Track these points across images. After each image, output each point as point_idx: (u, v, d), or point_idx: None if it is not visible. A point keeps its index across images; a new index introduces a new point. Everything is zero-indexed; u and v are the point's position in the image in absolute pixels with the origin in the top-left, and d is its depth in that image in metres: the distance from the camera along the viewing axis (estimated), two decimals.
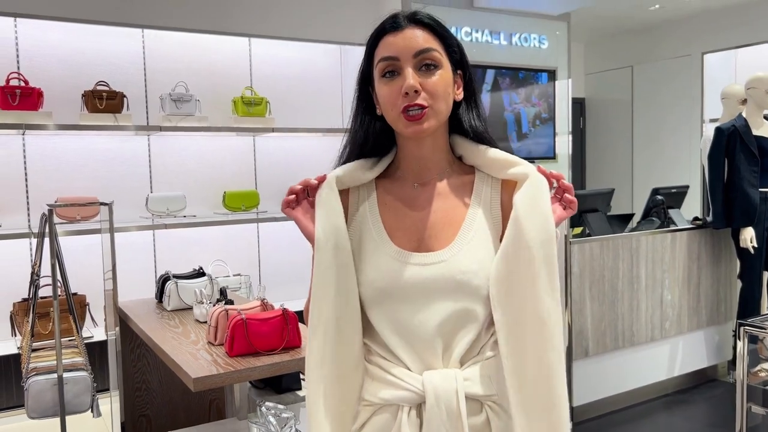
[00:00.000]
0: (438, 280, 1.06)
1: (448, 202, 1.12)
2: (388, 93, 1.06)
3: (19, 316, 3.54)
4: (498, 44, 5.38)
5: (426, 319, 1.06)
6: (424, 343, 1.06)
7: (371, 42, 1.11)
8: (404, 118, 1.05)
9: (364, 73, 1.14)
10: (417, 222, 1.11)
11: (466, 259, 1.07)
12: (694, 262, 3.92)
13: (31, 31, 3.90)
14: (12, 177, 3.88)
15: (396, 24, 1.08)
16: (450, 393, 1.03)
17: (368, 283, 1.08)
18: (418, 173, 1.14)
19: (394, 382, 1.06)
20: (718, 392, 3.91)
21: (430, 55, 1.06)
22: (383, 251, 1.09)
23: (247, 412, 2.54)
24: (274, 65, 4.69)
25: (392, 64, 1.07)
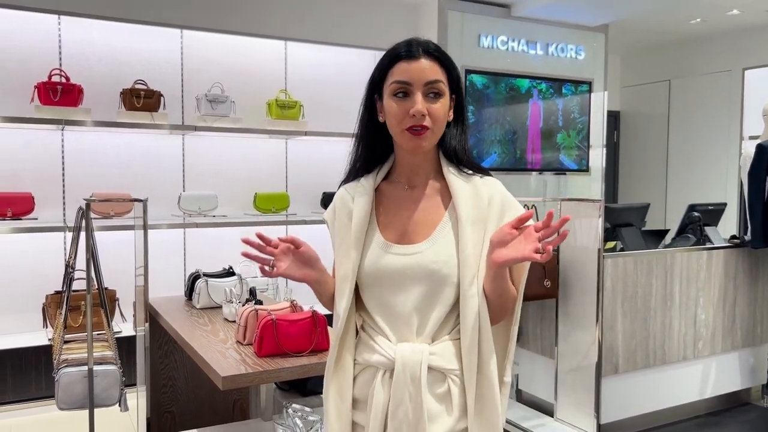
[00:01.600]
0: (414, 267, 1.29)
1: (430, 204, 1.35)
2: (398, 111, 1.28)
3: (51, 308, 3.59)
4: (534, 54, 5.34)
5: (404, 299, 1.29)
6: (402, 319, 1.30)
7: (387, 62, 1.31)
8: (409, 134, 1.28)
9: (374, 84, 1.35)
10: (403, 218, 1.35)
11: (438, 252, 1.29)
12: (731, 281, 3.82)
13: (74, 29, 3.98)
14: (50, 171, 3.96)
15: (412, 53, 1.29)
16: (415, 363, 1.27)
17: (361, 269, 1.33)
18: (409, 177, 1.38)
19: (376, 348, 1.31)
20: (751, 416, 3.80)
21: (436, 86, 1.28)
22: (374, 242, 1.33)
23: (272, 413, 2.53)
24: (308, 69, 4.72)
25: (405, 88, 1.28)
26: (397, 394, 1.27)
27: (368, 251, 1.33)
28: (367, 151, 1.39)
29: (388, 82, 1.30)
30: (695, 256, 3.68)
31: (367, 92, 1.37)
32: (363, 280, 1.33)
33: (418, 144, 1.29)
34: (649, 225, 4.32)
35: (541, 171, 5.53)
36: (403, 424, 1.26)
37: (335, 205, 1.42)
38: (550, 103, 5.48)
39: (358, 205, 1.36)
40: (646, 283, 3.48)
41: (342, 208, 1.39)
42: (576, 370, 3.40)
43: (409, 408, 1.26)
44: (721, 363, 3.84)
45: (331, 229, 1.42)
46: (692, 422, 3.69)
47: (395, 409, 1.27)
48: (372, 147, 1.38)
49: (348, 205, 1.38)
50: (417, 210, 1.35)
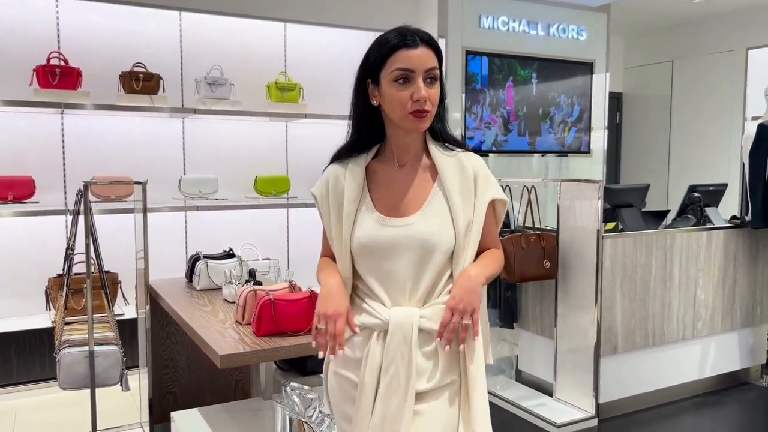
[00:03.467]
0: (406, 237, 1.42)
1: (419, 180, 1.48)
2: (401, 96, 1.38)
3: (53, 290, 3.62)
4: (535, 35, 5.30)
5: (397, 266, 1.42)
6: (396, 285, 1.43)
7: (387, 49, 1.39)
8: (412, 117, 1.38)
9: (369, 69, 1.43)
10: (395, 194, 1.47)
11: (427, 224, 1.43)
12: (731, 261, 3.82)
13: (72, 11, 3.97)
14: (50, 155, 3.97)
15: (413, 41, 1.38)
16: (407, 325, 1.40)
17: (356, 241, 1.44)
18: (399, 156, 1.48)
19: (371, 311, 1.44)
20: (750, 396, 3.82)
21: (434, 72, 1.40)
22: (369, 216, 1.45)
23: (272, 392, 2.56)
24: (308, 51, 4.70)
25: (407, 74, 1.37)
26: (390, 353, 1.40)
27: (364, 224, 1.44)
28: (361, 132, 1.49)
29: (389, 69, 1.38)
30: (695, 236, 3.68)
31: (360, 77, 1.45)
32: (360, 250, 1.44)
33: (419, 126, 1.41)
34: (652, 206, 4.31)
35: (543, 153, 5.51)
36: (394, 379, 1.39)
37: (328, 181, 1.50)
38: (551, 85, 5.45)
39: (351, 182, 1.47)
40: (645, 263, 3.49)
41: (335, 184, 1.49)
42: (575, 350, 3.42)
43: (400, 365, 1.39)
44: (721, 343, 3.86)
45: (322, 204, 1.51)
46: (691, 401, 3.71)
47: (388, 366, 1.40)
48: (366, 128, 1.48)
49: (341, 182, 1.48)
50: (407, 186, 1.47)
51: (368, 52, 1.45)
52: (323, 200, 1.52)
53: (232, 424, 2.39)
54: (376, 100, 1.44)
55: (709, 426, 3.43)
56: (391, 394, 1.39)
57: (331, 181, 1.50)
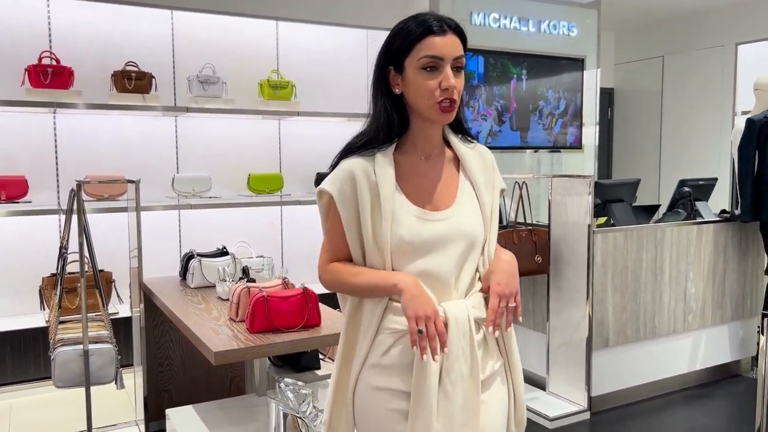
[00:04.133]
0: (451, 231, 1.37)
1: (446, 170, 1.44)
2: (428, 85, 1.32)
3: (47, 290, 3.62)
4: (526, 31, 5.32)
5: (442, 261, 1.36)
6: (441, 281, 1.36)
7: (416, 35, 1.32)
8: (439, 108, 1.33)
9: (392, 56, 1.36)
10: (427, 187, 1.41)
11: (466, 215, 1.40)
12: (720, 255, 3.86)
13: (63, 10, 3.96)
14: (42, 154, 3.96)
15: (442, 28, 1.33)
16: (463, 318, 1.34)
17: (398, 238, 1.34)
18: (423, 148, 1.42)
19: None
20: (740, 388, 3.86)
21: (461, 60, 1.35)
22: (406, 211, 1.36)
23: (266, 388, 2.58)
24: (300, 49, 4.71)
25: (435, 62, 1.32)
26: (453, 350, 1.33)
27: (403, 220, 1.35)
28: (381, 123, 1.39)
29: (417, 56, 1.32)
30: (685, 230, 3.71)
31: (380, 64, 1.38)
32: (402, 247, 1.35)
33: (447, 117, 1.36)
34: (644, 200, 4.35)
35: (535, 149, 5.54)
36: (458, 376, 1.33)
37: (352, 176, 1.37)
38: (543, 81, 5.48)
39: (384, 176, 1.36)
40: (636, 257, 3.52)
41: (365, 178, 1.36)
42: (567, 345, 3.45)
43: (462, 362, 1.34)
44: (711, 336, 3.90)
45: (342, 202, 1.37)
46: (682, 394, 3.75)
47: (451, 365, 1.33)
48: (387, 119, 1.39)
49: (371, 176, 1.36)
50: (436, 178, 1.42)
51: (391, 38, 1.37)
52: (343, 198, 1.37)
53: (227, 420, 2.41)
54: (399, 89, 1.37)
55: (700, 418, 3.47)
56: (457, 391, 1.33)
57: (358, 174, 1.36)
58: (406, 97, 1.36)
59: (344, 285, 1.40)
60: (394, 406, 1.35)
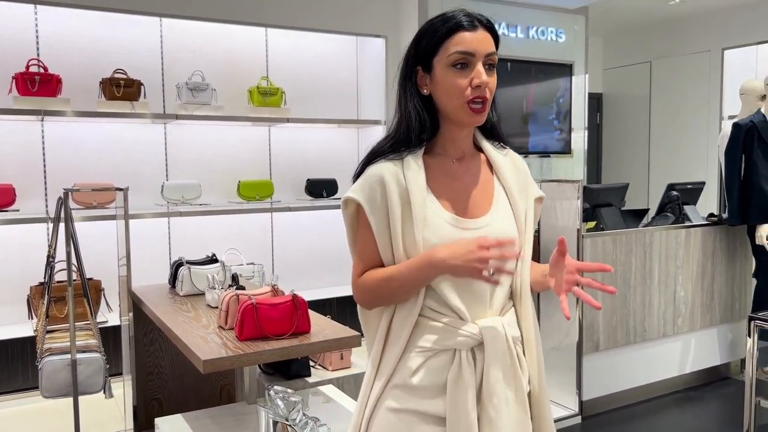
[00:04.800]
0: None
1: (480, 176, 1.35)
2: (459, 83, 1.24)
3: (35, 299, 3.60)
4: (515, 37, 5.35)
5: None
6: (477, 296, 1.27)
7: (445, 31, 1.25)
8: (469, 109, 1.25)
9: (420, 55, 1.29)
10: (461, 192, 1.32)
11: (503, 223, 1.31)
12: (709, 258, 3.88)
13: (51, 18, 3.95)
14: (30, 162, 3.94)
15: (473, 24, 1.26)
16: (501, 336, 1.26)
17: (431, 246, 1.24)
18: (454, 151, 1.34)
19: (452, 330, 1.25)
20: (730, 390, 3.88)
21: (493, 57, 1.28)
22: (439, 217, 1.27)
23: (256, 396, 2.56)
24: (290, 56, 4.71)
25: (466, 58, 1.24)
26: (492, 371, 1.24)
27: (436, 227, 1.26)
28: (411, 125, 1.30)
29: (446, 52, 1.25)
30: (673, 234, 3.73)
31: (408, 64, 1.31)
32: None
33: (479, 118, 1.28)
34: (633, 205, 4.37)
35: (525, 154, 5.56)
36: (503, 403, 1.24)
37: (382, 181, 1.27)
38: (532, 86, 5.50)
39: (414, 180, 1.27)
40: (625, 261, 3.54)
41: (395, 183, 1.27)
42: (558, 349, 3.46)
43: (504, 385, 1.25)
44: (700, 339, 3.92)
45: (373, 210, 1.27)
46: (673, 397, 3.76)
47: (492, 388, 1.24)
48: (417, 121, 1.29)
49: (401, 181, 1.27)
50: (470, 183, 1.33)
51: (418, 37, 1.30)
52: (374, 204, 1.27)
53: (217, 429, 2.40)
54: (427, 89, 1.29)
55: (690, 421, 3.48)
56: (502, 417, 1.24)
57: (387, 179, 1.26)
58: (435, 97, 1.29)
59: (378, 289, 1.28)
60: (422, 429, 1.25)
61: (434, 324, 1.26)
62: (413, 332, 1.27)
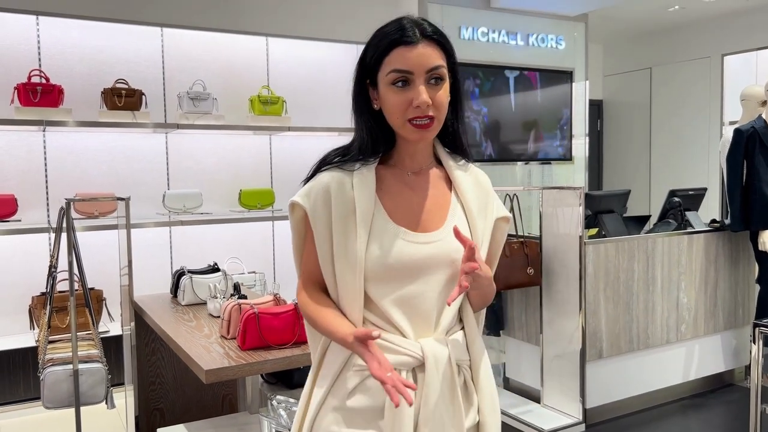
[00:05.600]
0: (436, 256, 1.21)
1: (436, 190, 1.29)
2: (399, 102, 1.18)
3: (37, 309, 3.59)
4: (515, 45, 5.37)
5: (425, 291, 1.20)
6: (422, 314, 1.21)
7: (382, 48, 1.20)
8: (411, 126, 1.19)
9: (366, 70, 1.24)
10: (414, 206, 1.26)
11: (454, 239, 1.18)
12: (711, 264, 3.87)
13: (53, 29, 3.97)
14: (32, 173, 3.95)
15: (410, 38, 1.18)
16: (444, 358, 1.19)
17: (377, 260, 1.19)
18: (411, 164, 1.29)
19: (394, 348, 1.18)
20: (734, 397, 3.86)
21: (439, 71, 1.19)
22: (387, 231, 1.21)
23: (258, 406, 2.55)
24: (290, 65, 4.72)
25: (405, 77, 1.18)
26: (432, 395, 1.17)
27: (383, 240, 1.20)
28: (365, 137, 1.26)
29: (385, 70, 1.19)
30: (676, 240, 3.73)
31: (358, 79, 1.26)
32: (380, 272, 1.19)
33: (422, 136, 1.21)
34: (633, 211, 4.37)
35: (526, 161, 5.56)
36: (439, 427, 1.18)
37: (327, 188, 1.23)
38: (532, 94, 5.51)
39: (362, 190, 1.22)
40: (627, 268, 3.53)
41: (339, 192, 1.22)
42: (561, 356, 3.45)
43: (443, 409, 1.18)
44: (704, 345, 3.90)
45: (316, 217, 1.23)
46: (677, 404, 3.75)
47: (430, 412, 1.17)
48: (371, 134, 1.25)
49: (347, 190, 1.22)
50: (424, 196, 1.27)
51: (365, 49, 1.25)
52: (316, 212, 1.23)
53: None
54: (377, 104, 1.23)
55: (695, 428, 3.46)
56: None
57: (333, 188, 1.22)
58: (384, 113, 1.23)
59: (309, 320, 1.27)
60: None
61: (378, 342, 1.17)
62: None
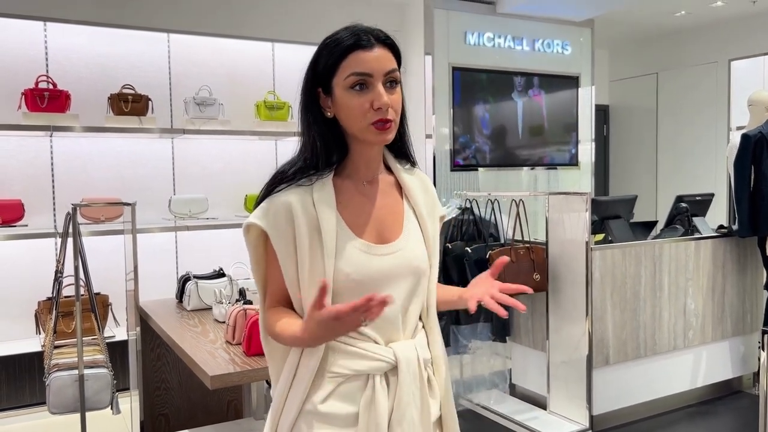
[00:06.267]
0: (399, 265, 1.26)
1: (390, 198, 1.32)
2: (358, 104, 1.19)
3: (43, 314, 3.60)
4: (520, 50, 5.36)
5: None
6: (389, 320, 1.25)
7: (339, 53, 1.21)
8: (375, 129, 1.20)
9: (318, 78, 1.24)
10: (373, 217, 1.28)
11: (414, 246, 1.29)
12: (719, 270, 3.85)
13: (60, 35, 3.99)
14: (39, 178, 3.96)
15: (368, 42, 1.21)
16: (414, 360, 1.25)
17: (343, 275, 1.20)
18: (366, 172, 1.30)
19: (367, 354, 1.22)
20: (743, 404, 3.83)
21: (395, 74, 1.23)
22: (350, 245, 1.23)
23: (263, 412, 2.55)
24: (296, 70, 4.68)
25: (364, 79, 1.19)
26: (404, 396, 1.23)
27: (347, 255, 1.22)
28: (317, 149, 1.25)
29: (343, 75, 1.20)
30: (683, 246, 3.70)
31: (307, 87, 1.26)
32: (346, 286, 1.21)
33: (384, 138, 1.22)
34: (641, 217, 4.34)
35: (532, 166, 5.55)
36: (410, 425, 1.23)
37: (289, 208, 1.22)
38: (538, 99, 5.50)
39: (324, 208, 1.22)
40: (634, 274, 3.51)
41: (303, 211, 1.22)
42: (568, 363, 3.43)
43: (414, 408, 1.24)
44: (712, 352, 3.87)
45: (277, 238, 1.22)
46: (684, 411, 3.72)
47: (402, 413, 1.22)
48: (323, 145, 1.24)
49: (309, 209, 1.22)
50: (381, 206, 1.30)
51: (315, 56, 1.26)
52: (278, 231, 1.21)
53: None
54: (330, 112, 1.23)
55: None
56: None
57: (295, 206, 1.22)
58: (339, 119, 1.23)
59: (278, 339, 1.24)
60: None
61: (348, 348, 1.22)
62: (325, 357, 1.22)
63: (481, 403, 3.69)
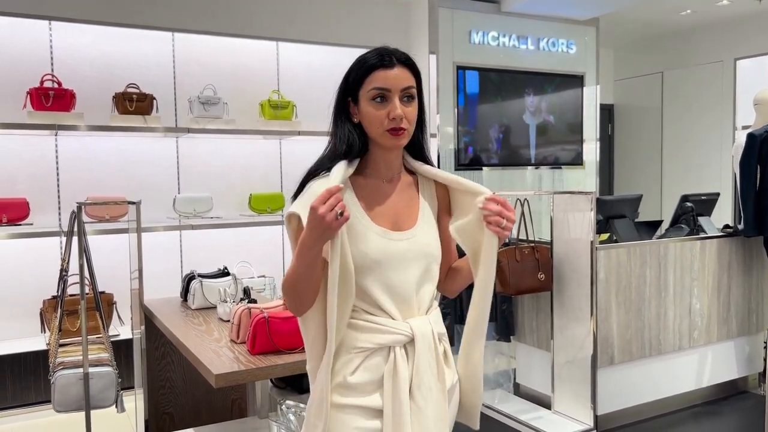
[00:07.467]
0: (412, 249, 1.46)
1: (407, 194, 1.53)
2: (378, 115, 1.42)
3: (48, 312, 3.61)
4: (525, 49, 5.35)
5: (406, 279, 1.44)
6: (405, 298, 1.45)
7: (364, 70, 1.44)
8: (389, 135, 1.43)
9: (348, 89, 1.48)
10: (389, 209, 1.50)
11: (426, 234, 1.50)
12: (725, 270, 3.84)
13: (65, 34, 3.99)
14: (44, 176, 3.97)
15: (389, 62, 1.44)
16: (429, 333, 1.45)
17: (363, 256, 1.40)
18: (386, 172, 1.52)
19: (387, 329, 1.42)
20: (748, 404, 3.81)
21: (410, 91, 1.45)
22: (369, 231, 1.44)
23: (268, 411, 2.55)
24: (301, 69, 4.73)
25: (383, 93, 1.42)
26: (422, 365, 1.42)
27: (367, 239, 1.43)
28: (349, 145, 1.47)
29: (366, 88, 1.44)
30: (688, 245, 3.69)
31: (340, 96, 1.50)
32: (368, 265, 1.41)
33: (397, 143, 1.45)
34: (645, 216, 4.33)
35: (537, 165, 5.54)
36: (428, 390, 1.42)
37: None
38: (542, 98, 5.49)
39: (348, 197, 1.45)
40: (639, 273, 3.50)
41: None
42: (572, 362, 3.42)
43: (430, 375, 1.43)
44: (717, 352, 3.86)
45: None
46: (689, 411, 3.71)
47: (420, 379, 1.41)
48: (351, 140, 1.47)
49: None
50: (399, 200, 1.51)
51: (349, 71, 1.50)
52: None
53: None
54: (357, 118, 1.47)
55: None
56: (428, 404, 1.42)
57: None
58: (363, 125, 1.46)
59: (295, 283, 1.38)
60: (363, 424, 1.40)
61: (369, 325, 1.42)
62: (349, 334, 1.41)
63: (486, 403, 3.69)
